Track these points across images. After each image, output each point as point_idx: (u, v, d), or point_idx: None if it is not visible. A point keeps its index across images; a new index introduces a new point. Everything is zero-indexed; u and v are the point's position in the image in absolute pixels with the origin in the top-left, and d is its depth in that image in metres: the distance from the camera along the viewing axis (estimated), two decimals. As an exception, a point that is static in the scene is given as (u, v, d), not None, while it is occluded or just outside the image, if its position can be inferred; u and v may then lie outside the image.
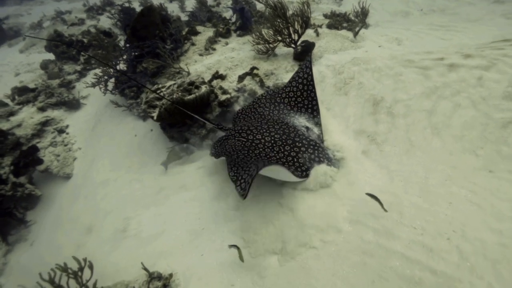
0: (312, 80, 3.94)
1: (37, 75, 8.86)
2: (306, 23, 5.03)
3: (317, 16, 7.98)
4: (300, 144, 3.50)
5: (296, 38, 5.25)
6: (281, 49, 5.56)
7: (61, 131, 6.92)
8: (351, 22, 7.24)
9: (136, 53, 5.57)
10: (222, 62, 5.48)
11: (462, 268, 2.35)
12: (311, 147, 3.50)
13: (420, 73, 4.16)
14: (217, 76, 5.18)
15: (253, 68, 5.11)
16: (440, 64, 4.16)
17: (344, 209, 3.10)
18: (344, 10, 8.17)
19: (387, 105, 3.98)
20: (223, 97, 4.90)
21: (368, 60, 4.71)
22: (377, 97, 4.10)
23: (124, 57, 5.83)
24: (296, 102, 4.01)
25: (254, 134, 3.65)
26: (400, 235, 2.72)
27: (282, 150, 3.44)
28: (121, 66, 6.01)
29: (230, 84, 5.10)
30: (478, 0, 8.61)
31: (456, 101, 3.66)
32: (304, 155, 3.42)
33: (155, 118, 4.55)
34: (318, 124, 3.87)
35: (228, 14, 10.99)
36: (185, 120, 4.80)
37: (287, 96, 4.08)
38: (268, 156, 3.36)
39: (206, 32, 6.50)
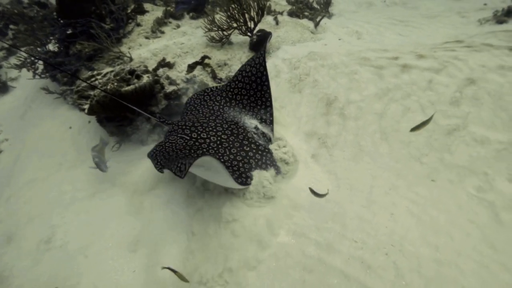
0: (266, 76, 3.60)
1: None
2: (262, 11, 4.63)
3: (280, 1, 7.56)
4: (248, 148, 3.23)
5: (252, 26, 4.85)
6: (237, 37, 5.13)
7: (-18, 118, 5.95)
8: (314, 11, 6.95)
9: (69, 32, 4.80)
10: (171, 48, 4.92)
11: (397, 287, 2.30)
12: (259, 152, 3.24)
13: (375, 72, 4.03)
14: (164, 64, 4.65)
15: (204, 57, 4.65)
16: (394, 64, 4.06)
17: (288, 221, 2.93)
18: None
19: (340, 105, 3.81)
20: (169, 89, 4.43)
21: (325, 55, 4.49)
22: (330, 97, 3.92)
23: (56, 35, 5.01)
24: (248, 99, 3.67)
25: (199, 132, 3.28)
26: (341, 249, 2.62)
27: (228, 153, 3.14)
28: (52, 45, 5.19)
29: (179, 74, 4.62)
30: (437, -5, 8.74)
31: (406, 105, 3.59)
32: (251, 161, 3.16)
33: (86, 111, 3.97)
34: (270, 124, 3.59)
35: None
36: (125, 113, 4.27)
37: (239, 92, 3.72)
38: None
39: (155, 12, 5.81)
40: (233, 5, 4.52)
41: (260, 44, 4.83)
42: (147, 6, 5.97)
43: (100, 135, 4.17)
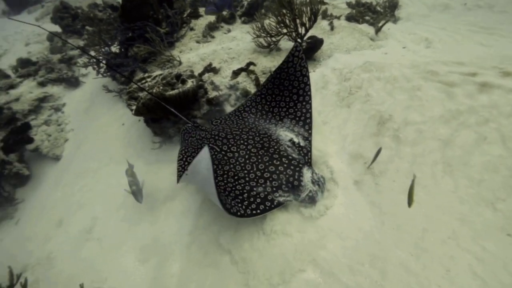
0: (309, 87, 3.29)
1: (44, 46, 8.72)
2: (315, 16, 4.30)
3: (339, 4, 7.06)
4: (278, 163, 2.97)
5: (303, 32, 4.55)
6: (287, 43, 4.88)
7: (57, 109, 6.77)
8: (376, 14, 6.32)
9: (128, 35, 5.11)
10: (218, 53, 4.90)
11: None
12: (292, 167, 2.95)
13: (443, 90, 3.41)
14: (210, 69, 4.64)
15: (249, 64, 4.52)
16: (470, 81, 3.37)
17: (317, 254, 2.60)
18: (372, -1, 7.16)
19: (394, 126, 3.30)
20: (212, 94, 4.39)
21: (383, 66, 3.97)
22: (384, 115, 3.42)
23: (118, 38, 5.39)
24: (287, 111, 3.41)
25: (229, 145, 3.15)
26: (376, 304, 2.21)
27: (254, 169, 2.93)
28: (114, 47, 5.61)
29: (223, 79, 4.56)
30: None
31: (482, 133, 2.94)
32: (281, 176, 2.89)
33: (133, 112, 4.15)
34: (307, 138, 3.26)
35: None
36: (168, 116, 4.37)
37: (277, 105, 3.47)
38: (236, 177, 2.89)
39: (209, 16, 5.88)
40: (284, 10, 4.28)
41: (310, 51, 4.51)
42: (202, 10, 6.09)
43: (125, 159, 4.15)
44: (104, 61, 5.28)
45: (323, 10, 5.68)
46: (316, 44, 4.40)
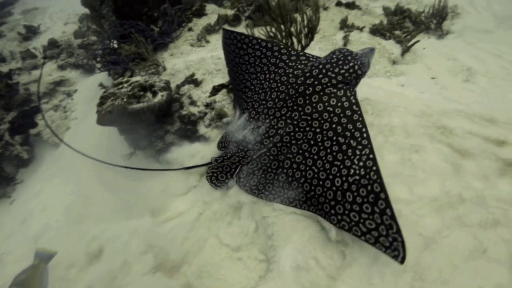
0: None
1: (77, 28, 9.03)
2: (312, 32, 3.50)
3: (375, 8, 5.89)
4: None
5: (300, 49, 3.78)
6: (283, 58, 4.13)
7: (69, 94, 6.95)
8: (416, 26, 5.13)
9: (121, 32, 4.84)
10: (206, 62, 4.38)
11: None
12: None
13: (451, 160, 2.48)
14: (191, 80, 4.17)
15: (232, 80, 3.92)
16: (492, 153, 2.39)
17: None
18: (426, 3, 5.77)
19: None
20: (184, 111, 3.94)
21: (382, 108, 3.08)
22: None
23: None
24: None
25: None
26: None
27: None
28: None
29: (202, 94, 4.06)
30: None
31: (483, 241, 2.04)
32: None
33: (96, 121, 3.91)
34: None
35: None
36: (137, 127, 4.05)
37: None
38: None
39: (214, 15, 5.31)
40: (275, 24, 3.56)
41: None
42: (210, 8, 5.53)
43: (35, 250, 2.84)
44: (98, 57, 5.12)
45: (342, 19, 4.73)
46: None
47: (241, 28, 5.13)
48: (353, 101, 2.32)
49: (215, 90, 4.00)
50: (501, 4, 6.36)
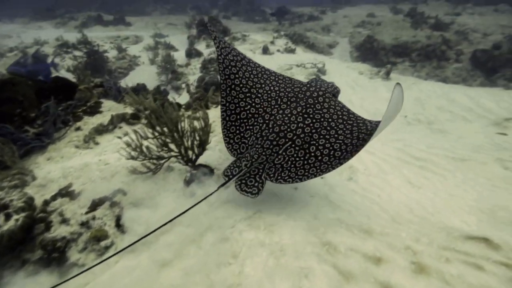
0: None
1: None
2: (203, 145, 3.47)
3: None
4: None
5: (193, 157, 3.66)
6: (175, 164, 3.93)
7: None
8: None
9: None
10: (90, 169, 3.86)
11: None
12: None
13: (336, 286, 2.38)
14: (65, 193, 3.53)
15: (116, 192, 3.45)
16: (371, 272, 2.39)
17: None
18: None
19: None
20: (49, 236, 3.17)
21: (275, 222, 2.99)
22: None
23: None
24: None
25: None
26: None
27: None
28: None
29: (79, 210, 3.42)
30: (476, 116, 7.22)
31: None
32: None
33: None
34: None
35: (193, 77, 9.93)
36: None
37: None
38: None
39: (110, 113, 5.02)
40: (165, 129, 3.43)
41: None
42: (107, 105, 5.27)
43: None
44: None
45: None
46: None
47: (142, 126, 4.91)
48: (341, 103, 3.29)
49: (95, 204, 3.44)
50: (370, 103, 7.87)
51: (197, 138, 3.38)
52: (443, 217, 3.26)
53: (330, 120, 3.05)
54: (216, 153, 4.35)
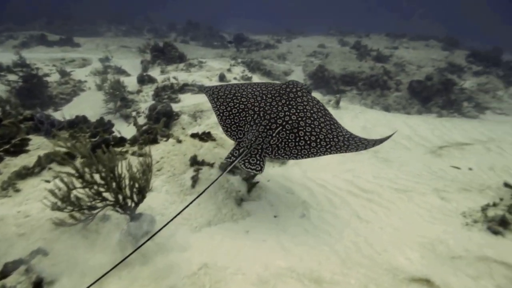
0: None
1: None
2: (142, 192, 3.15)
3: (228, 139, 6.43)
4: None
5: (133, 205, 3.30)
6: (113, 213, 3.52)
7: None
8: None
9: None
10: (4, 224, 3.24)
11: None
12: None
13: None
14: (-33, 258, 2.89)
15: (33, 253, 2.92)
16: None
17: None
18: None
19: None
20: None
21: (221, 277, 2.74)
22: None
23: None
24: None
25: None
26: None
27: None
28: None
29: (-17, 279, 2.79)
30: (415, 144, 7.84)
31: None
32: None
33: None
34: None
35: (145, 105, 9.49)
36: None
37: None
38: None
39: (39, 152, 4.44)
40: (94, 180, 3.05)
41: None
42: (37, 142, 4.65)
43: None
44: None
45: (192, 156, 4.76)
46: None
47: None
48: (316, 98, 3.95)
49: (8, 269, 2.86)
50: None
51: (136, 185, 3.06)
52: (389, 256, 3.32)
53: (312, 111, 3.64)
54: (162, 195, 4.03)
